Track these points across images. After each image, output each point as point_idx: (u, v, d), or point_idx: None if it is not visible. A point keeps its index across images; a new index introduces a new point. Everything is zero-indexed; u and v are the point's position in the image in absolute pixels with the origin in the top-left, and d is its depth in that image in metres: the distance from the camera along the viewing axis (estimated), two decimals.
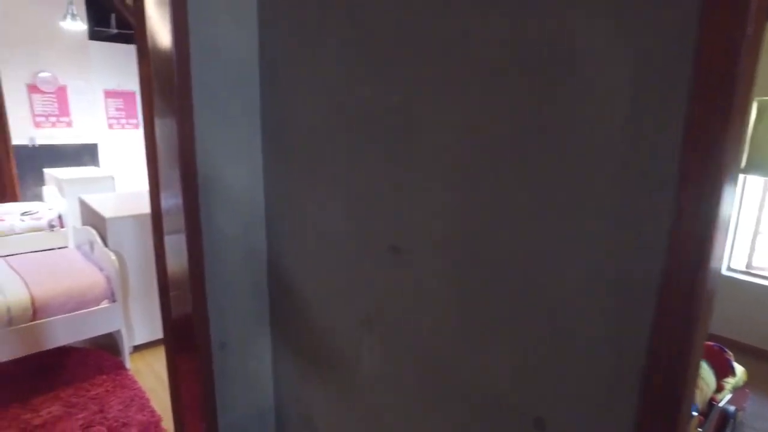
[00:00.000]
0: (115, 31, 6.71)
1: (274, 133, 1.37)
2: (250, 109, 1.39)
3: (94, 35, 6.39)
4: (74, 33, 6.05)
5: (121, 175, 6.74)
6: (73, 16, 4.90)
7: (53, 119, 6.15)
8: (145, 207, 3.14)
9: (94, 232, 2.95)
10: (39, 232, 4.32)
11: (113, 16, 6.65)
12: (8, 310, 2.43)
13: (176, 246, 1.46)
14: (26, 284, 2.60)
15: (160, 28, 1.30)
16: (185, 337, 1.55)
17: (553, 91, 0.67)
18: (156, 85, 1.41)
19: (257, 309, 1.52)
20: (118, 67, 6.57)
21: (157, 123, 1.43)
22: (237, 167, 1.39)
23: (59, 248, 4.49)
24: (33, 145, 6.04)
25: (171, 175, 1.40)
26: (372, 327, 1.10)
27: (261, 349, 1.56)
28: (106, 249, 2.78)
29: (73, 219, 4.46)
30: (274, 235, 1.45)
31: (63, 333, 2.59)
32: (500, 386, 0.80)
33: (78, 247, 3.36)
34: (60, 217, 4.42)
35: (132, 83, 6.69)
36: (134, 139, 6.85)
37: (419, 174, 0.91)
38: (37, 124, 6.05)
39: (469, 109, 0.80)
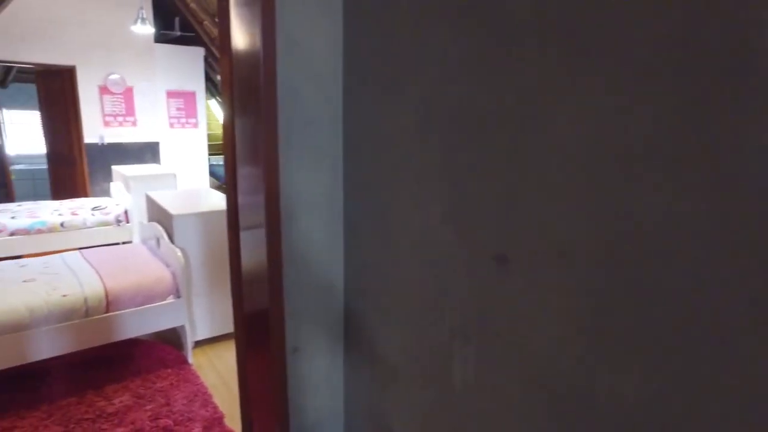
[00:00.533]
0: (178, 33, 6.95)
1: (357, 132, 1.33)
2: (332, 107, 1.35)
3: (159, 38, 6.65)
4: (142, 36, 6.30)
5: (180, 173, 6.98)
6: (143, 20, 5.10)
7: (120, 119, 6.43)
8: (208, 204, 3.20)
9: (160, 228, 3.02)
10: (107, 227, 4.50)
11: (177, 19, 6.89)
12: (85, 301, 2.52)
13: (252, 243, 1.45)
14: (100, 277, 2.69)
15: (245, 24, 1.28)
16: (257, 337, 1.53)
17: (727, 90, 0.58)
18: (237, 83, 1.40)
19: (332, 313, 1.48)
20: (180, 69, 6.80)
21: (238, 121, 1.42)
22: (317, 164, 1.35)
23: (124, 243, 4.68)
24: (102, 144, 6.34)
25: (250, 172, 1.38)
26: (469, 339, 1.03)
27: (333, 354, 1.52)
28: (172, 245, 2.84)
29: (138, 214, 4.63)
30: (353, 235, 1.41)
31: (132, 326, 2.66)
32: (635, 416, 0.72)
33: (144, 242, 3.47)
34: (126, 213, 4.60)
35: (192, 84, 6.92)
36: (193, 137, 7.07)
37: (538, 175, 0.84)
38: (106, 123, 6.35)
39: (609, 107, 0.72)
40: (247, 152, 1.39)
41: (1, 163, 5.76)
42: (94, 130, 6.25)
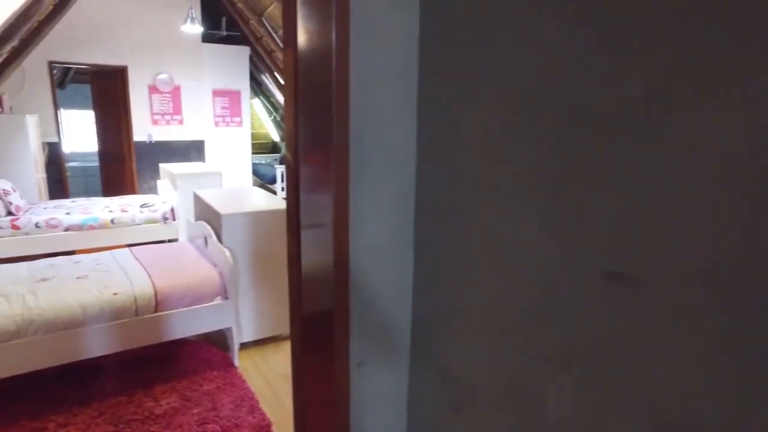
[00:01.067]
0: (224, 33, 7.03)
1: (435, 131, 1.21)
2: (406, 103, 1.24)
3: (206, 38, 6.73)
4: (191, 36, 6.39)
5: (224, 171, 7.05)
6: (192, 19, 5.14)
7: (167, 117, 6.54)
8: (256, 204, 3.15)
9: (208, 227, 2.99)
10: (155, 224, 4.55)
11: (224, 19, 6.96)
12: (135, 300, 2.50)
13: (314, 246, 1.35)
14: (149, 276, 2.67)
15: (314, 12, 1.18)
16: (317, 347, 1.44)
17: None
18: (302, 76, 1.30)
19: (399, 325, 1.37)
20: (226, 68, 6.87)
21: (302, 117, 1.33)
22: (388, 164, 1.24)
23: (170, 240, 4.73)
24: (150, 142, 6.47)
25: (315, 171, 1.29)
26: (568, 366, 0.90)
27: (399, 370, 1.41)
28: (220, 245, 2.80)
29: (184, 212, 4.67)
30: (425, 243, 1.29)
31: (180, 326, 2.63)
32: None
33: (191, 240, 3.46)
34: (172, 210, 4.64)
35: (237, 83, 6.98)
36: (237, 136, 7.14)
37: (678, 181, 0.69)
38: (154, 122, 6.47)
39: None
40: (313, 150, 1.29)
41: (58, 160, 5.93)
42: (143, 128, 6.38)
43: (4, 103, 5.04)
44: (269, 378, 2.72)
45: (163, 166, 5.26)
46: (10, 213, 4.20)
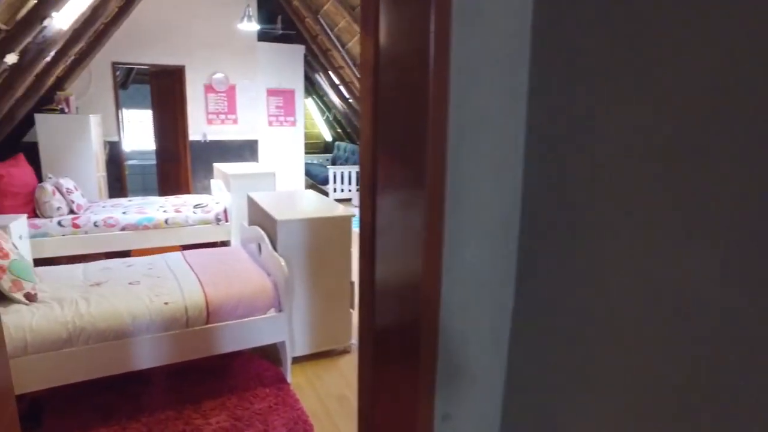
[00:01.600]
0: (280, 31, 6.97)
1: (551, 135, 0.95)
2: (514, 99, 0.98)
3: (261, 36, 6.68)
4: (246, 34, 6.35)
5: (277, 171, 6.99)
6: (249, 17, 5.07)
7: (222, 116, 6.53)
8: (313, 209, 2.97)
9: (262, 232, 2.84)
10: (207, 225, 4.49)
11: (279, 17, 6.90)
12: (186, 310, 2.37)
13: (395, 272, 1.12)
14: (201, 284, 2.54)
15: None
16: (394, 393, 1.21)
17: None
18: (388, 66, 1.07)
19: (493, 370, 1.12)
20: (281, 66, 6.80)
21: (382, 112, 1.10)
22: (493, 179, 0.99)
23: (222, 242, 4.66)
24: (204, 141, 6.48)
25: (400, 173, 1.05)
26: None
27: (490, 425, 1.16)
28: (275, 253, 2.64)
29: (236, 213, 4.58)
30: (534, 278, 1.03)
31: (231, 340, 2.48)
32: None
33: (244, 245, 3.33)
34: (225, 211, 4.56)
35: (292, 81, 6.90)
36: (290, 136, 7.06)
37: None
38: (209, 121, 6.48)
39: None
40: (397, 159, 1.06)
41: (118, 159, 6.03)
42: (198, 127, 6.40)
43: (71, 103, 5.14)
44: (324, 398, 2.52)
45: (217, 166, 5.21)
46: (72, 211, 4.24)
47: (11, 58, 3.48)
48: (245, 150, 6.74)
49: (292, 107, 6.99)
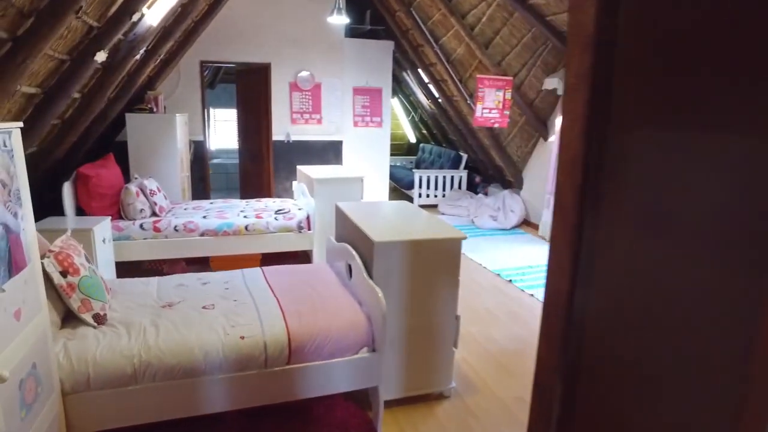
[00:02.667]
0: (368, 27, 6.59)
1: None
2: None
3: (349, 32, 6.34)
4: (333, 30, 6.04)
5: (362, 173, 6.63)
6: (339, 10, 4.71)
7: (306, 116, 6.27)
8: (416, 228, 2.48)
9: (353, 253, 2.40)
10: (289, 233, 4.17)
11: (368, 12, 6.53)
12: (265, 347, 1.98)
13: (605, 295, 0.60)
14: (283, 314, 2.14)
15: None
16: None
17: None
18: (629, 52, 0.55)
19: None
20: (368, 64, 6.42)
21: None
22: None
23: (303, 252, 4.32)
24: (288, 141, 6.25)
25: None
26: None
27: None
28: (371, 282, 2.18)
29: (320, 221, 4.23)
30: None
31: (316, 384, 2.06)
32: None
33: (330, 263, 2.93)
34: (308, 219, 4.22)
35: (379, 80, 6.49)
36: (376, 137, 6.66)
37: None
38: (293, 121, 6.23)
39: None
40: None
41: (202, 158, 5.94)
42: (282, 127, 6.18)
43: (159, 102, 5.07)
44: None
45: (301, 169, 4.89)
46: (154, 213, 4.09)
47: (101, 56, 3.34)
48: (329, 151, 6.43)
49: (379, 107, 6.59)
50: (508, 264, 4.71)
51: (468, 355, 2.97)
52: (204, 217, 4.08)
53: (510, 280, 4.32)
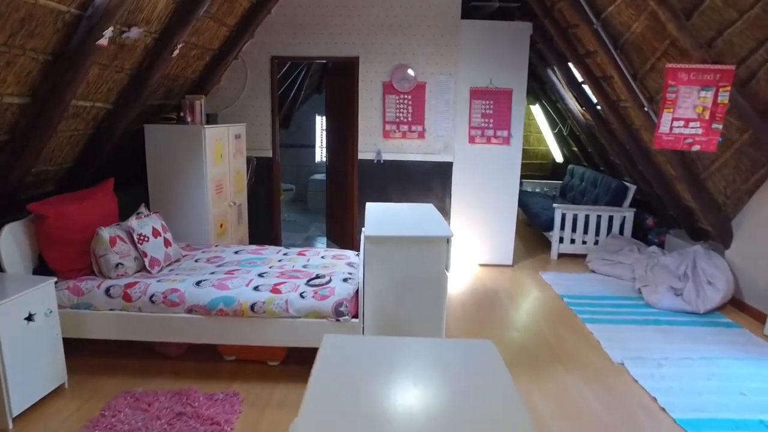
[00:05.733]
0: (497, 4, 4.75)
1: None
2: None
3: (467, 13, 4.56)
4: (445, 9, 4.35)
5: (478, 204, 4.81)
6: None
7: (404, 128, 4.66)
8: None
9: None
10: (320, 321, 2.60)
11: None
12: None
13: None
14: None
15: None
16: None
17: None
18: None
19: None
20: (494, 56, 4.54)
21: None
22: None
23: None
24: (378, 161, 4.71)
25: None
26: None
27: None
28: None
29: (372, 301, 2.57)
30: None
31: None
32: None
33: None
34: (357, 297, 2.60)
35: (509, 78, 4.57)
36: (501, 156, 4.74)
37: None
38: (386, 134, 4.67)
39: None
40: None
41: (270, 178, 4.73)
42: (371, 142, 4.66)
43: (197, 110, 3.94)
44: None
45: (370, 208, 3.23)
46: (145, 268, 2.86)
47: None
48: (434, 177, 4.74)
49: (507, 116, 4.68)
50: (706, 403, 2.54)
51: None
52: (198, 283, 2.71)
53: None
